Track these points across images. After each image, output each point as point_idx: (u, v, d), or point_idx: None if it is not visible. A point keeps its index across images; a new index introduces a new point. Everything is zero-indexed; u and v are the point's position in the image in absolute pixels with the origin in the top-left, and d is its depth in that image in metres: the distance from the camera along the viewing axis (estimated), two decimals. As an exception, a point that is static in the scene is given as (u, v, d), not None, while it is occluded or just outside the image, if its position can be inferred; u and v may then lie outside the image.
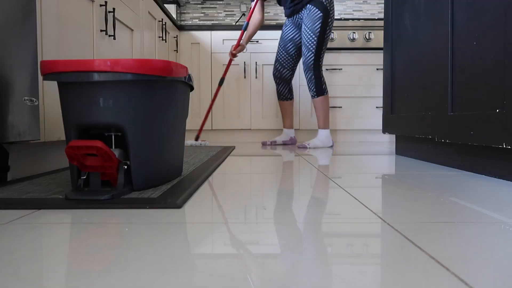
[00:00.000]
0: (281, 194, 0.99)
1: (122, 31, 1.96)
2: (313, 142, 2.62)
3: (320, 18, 2.48)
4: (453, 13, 1.41)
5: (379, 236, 0.64)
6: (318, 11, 2.48)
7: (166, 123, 1.02)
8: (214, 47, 3.31)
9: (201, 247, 0.58)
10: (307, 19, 2.52)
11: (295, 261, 0.53)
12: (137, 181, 0.96)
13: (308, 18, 2.52)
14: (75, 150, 0.86)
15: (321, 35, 2.50)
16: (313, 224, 0.71)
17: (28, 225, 0.71)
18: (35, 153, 1.33)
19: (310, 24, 2.50)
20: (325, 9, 2.48)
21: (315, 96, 2.60)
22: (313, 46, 2.52)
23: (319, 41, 2.51)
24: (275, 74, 2.81)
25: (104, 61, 0.86)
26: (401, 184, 1.13)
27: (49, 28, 1.29)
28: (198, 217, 0.76)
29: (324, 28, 2.49)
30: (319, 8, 2.48)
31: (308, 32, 2.52)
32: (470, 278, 0.47)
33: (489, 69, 1.20)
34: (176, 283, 0.45)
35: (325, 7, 2.48)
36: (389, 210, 0.81)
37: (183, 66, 1.04)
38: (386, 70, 2.10)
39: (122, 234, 0.65)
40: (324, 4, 2.49)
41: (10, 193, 0.95)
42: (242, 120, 3.33)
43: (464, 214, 0.78)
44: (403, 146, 1.99)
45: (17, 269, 0.50)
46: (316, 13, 2.48)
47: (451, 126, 1.39)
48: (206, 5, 4.12)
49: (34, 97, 1.17)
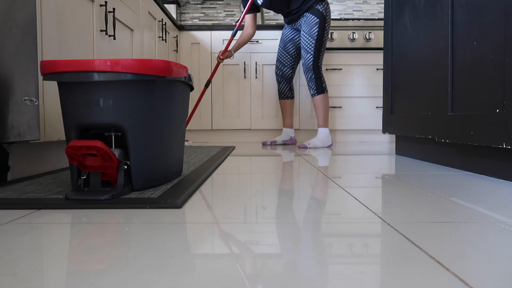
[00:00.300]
0: (281, 194, 0.99)
1: (122, 31, 1.96)
2: (313, 142, 2.63)
3: (317, 23, 2.62)
4: (453, 13, 1.41)
5: (379, 236, 0.64)
6: (315, 18, 2.63)
7: (166, 123, 1.02)
8: (214, 47, 3.31)
9: (201, 247, 0.58)
10: (305, 25, 2.66)
11: (295, 261, 0.53)
12: (137, 181, 0.96)
13: (305, 24, 2.66)
14: (75, 150, 0.86)
15: (319, 38, 2.64)
16: (313, 224, 0.71)
17: (28, 225, 0.71)
18: (35, 153, 1.33)
19: (308, 29, 2.64)
20: (321, 15, 2.62)
21: (316, 94, 2.68)
22: (311, 49, 2.64)
23: (317, 43, 2.64)
24: (277, 72, 2.91)
25: (104, 61, 0.86)
26: (401, 184, 1.13)
27: (49, 28, 1.29)
28: (198, 217, 0.76)
29: (322, 32, 2.64)
30: (316, 15, 2.63)
31: (306, 36, 2.65)
32: (470, 278, 0.47)
33: (489, 69, 1.20)
34: (176, 283, 0.45)
35: (322, 13, 2.63)
36: (389, 210, 0.81)
37: (183, 66, 1.04)
38: (386, 70, 2.10)
39: (122, 234, 0.65)
40: (321, 11, 2.63)
41: (10, 193, 0.95)
42: (242, 120, 3.33)
43: (464, 214, 0.78)
44: (403, 146, 1.99)
45: (17, 269, 0.50)
46: (313, 20, 2.63)
47: (451, 126, 1.39)
48: (206, 5, 4.12)
49: (34, 97, 1.17)
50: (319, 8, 2.63)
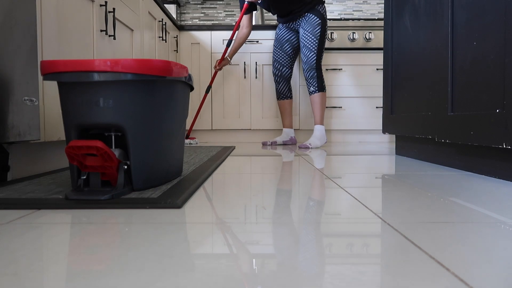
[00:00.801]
0: (281, 194, 0.99)
1: (122, 31, 1.96)
2: (314, 142, 2.64)
3: (320, 24, 2.68)
4: (453, 13, 1.41)
5: (379, 236, 0.64)
6: (317, 18, 2.68)
7: (166, 123, 1.02)
8: (214, 47, 3.31)
9: (201, 247, 0.58)
10: (306, 24, 2.70)
11: (295, 261, 0.53)
12: (137, 181, 0.96)
13: (307, 24, 2.70)
14: (75, 150, 0.86)
15: (321, 38, 2.70)
16: (313, 224, 0.71)
17: (28, 225, 0.71)
18: (35, 153, 1.33)
19: (310, 29, 2.69)
20: (322, 16, 2.70)
21: (316, 91, 2.71)
22: (315, 47, 2.68)
23: (319, 43, 2.69)
24: (276, 73, 2.92)
25: (104, 61, 0.86)
26: (401, 184, 1.13)
27: (49, 28, 1.29)
28: (198, 217, 0.76)
29: (324, 32, 2.71)
30: (317, 16, 2.69)
31: (309, 35, 2.69)
32: (470, 278, 0.47)
33: (489, 69, 1.20)
34: (176, 283, 0.45)
35: (322, 15, 2.70)
36: (389, 210, 0.81)
37: (183, 66, 1.04)
38: (386, 70, 2.10)
39: (122, 234, 0.65)
40: (321, 12, 2.70)
41: (10, 193, 0.95)
42: (242, 120, 3.33)
43: (464, 214, 0.78)
44: (403, 146, 1.99)
45: (17, 269, 0.50)
46: (316, 20, 2.68)
47: (451, 126, 1.39)
48: (206, 5, 4.12)
49: (34, 97, 1.17)
50: (319, 9, 2.69)
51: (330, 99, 3.29)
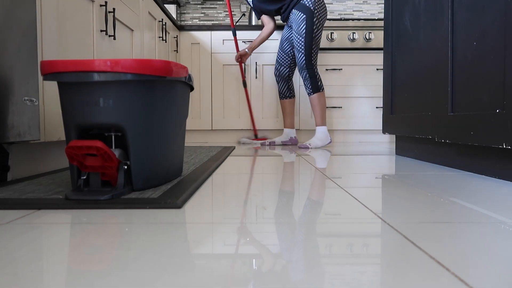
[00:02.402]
0: (281, 194, 0.99)
1: (122, 31, 1.96)
2: (314, 142, 2.63)
3: (304, 20, 2.57)
4: (453, 13, 1.41)
5: (379, 236, 0.64)
6: (301, 14, 2.58)
7: (166, 123, 1.02)
8: (214, 47, 3.31)
9: (201, 247, 0.58)
10: (294, 23, 2.64)
11: (295, 261, 0.53)
12: (137, 181, 0.96)
13: (294, 22, 2.63)
14: (75, 150, 0.86)
15: (308, 35, 2.58)
16: (313, 224, 0.71)
17: (28, 225, 0.71)
18: (35, 153, 1.33)
19: (296, 28, 2.62)
20: (308, 11, 2.56)
21: (312, 93, 2.67)
22: (301, 47, 2.61)
23: (306, 41, 2.59)
24: (275, 73, 2.93)
25: (104, 61, 0.86)
26: (401, 184, 1.13)
27: (49, 28, 1.29)
28: (198, 217, 0.76)
29: (310, 28, 2.57)
30: (302, 11, 2.58)
31: (295, 35, 2.64)
32: (470, 278, 0.47)
33: (489, 69, 1.20)
34: (176, 283, 0.45)
35: (308, 9, 2.56)
36: (389, 210, 0.81)
37: (183, 66, 1.04)
38: (386, 70, 2.10)
39: (122, 234, 0.65)
40: (307, 6, 2.57)
41: (10, 193, 0.95)
42: (242, 120, 3.33)
43: (464, 214, 0.78)
44: (403, 146, 1.99)
45: (17, 269, 0.50)
46: (300, 16, 2.59)
47: (451, 126, 1.39)
48: (206, 5, 4.12)
49: (34, 97, 1.17)
50: (305, 3, 2.56)
51: (330, 99, 3.29)
